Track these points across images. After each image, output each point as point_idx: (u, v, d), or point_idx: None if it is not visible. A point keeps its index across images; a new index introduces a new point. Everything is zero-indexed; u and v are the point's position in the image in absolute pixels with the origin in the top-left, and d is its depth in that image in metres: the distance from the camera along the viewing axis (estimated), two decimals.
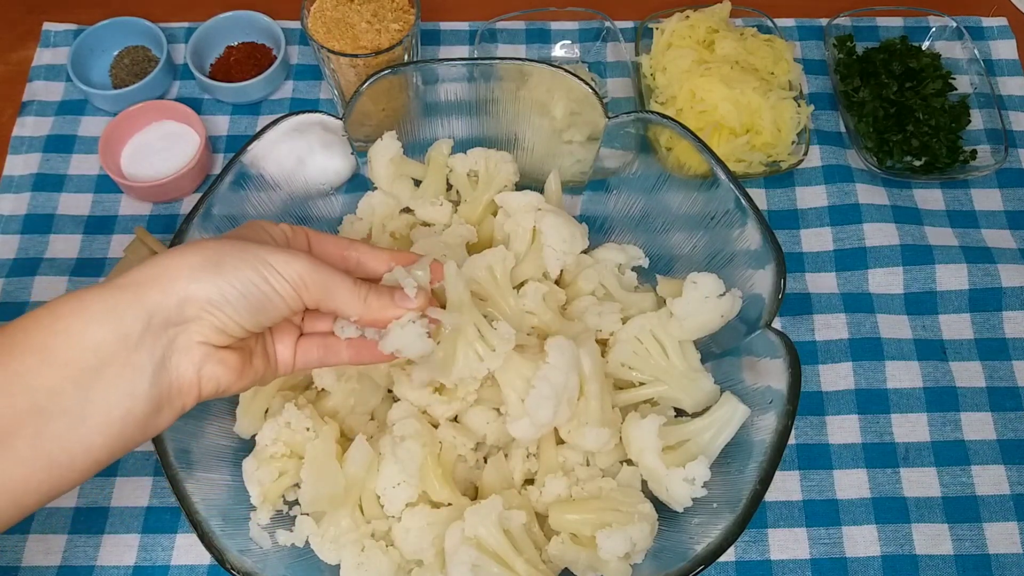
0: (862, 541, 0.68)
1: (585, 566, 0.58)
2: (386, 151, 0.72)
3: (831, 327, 0.77)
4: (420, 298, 0.51)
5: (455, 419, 0.64)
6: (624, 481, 0.62)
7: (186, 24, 0.94)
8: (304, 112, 0.68)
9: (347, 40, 0.78)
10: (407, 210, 0.74)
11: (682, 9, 0.88)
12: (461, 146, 0.76)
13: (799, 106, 0.82)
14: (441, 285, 0.55)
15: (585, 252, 0.72)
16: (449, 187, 0.76)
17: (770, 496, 0.69)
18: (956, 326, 0.77)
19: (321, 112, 0.69)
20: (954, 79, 0.87)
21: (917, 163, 0.84)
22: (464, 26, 0.96)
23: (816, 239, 0.81)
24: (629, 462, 0.63)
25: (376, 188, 0.74)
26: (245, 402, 0.65)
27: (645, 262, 0.73)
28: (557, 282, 0.71)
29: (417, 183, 0.75)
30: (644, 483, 0.63)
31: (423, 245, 0.68)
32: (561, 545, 0.59)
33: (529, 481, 0.64)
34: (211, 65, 0.91)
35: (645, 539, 0.57)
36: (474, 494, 0.64)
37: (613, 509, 0.58)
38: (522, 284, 0.68)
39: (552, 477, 0.61)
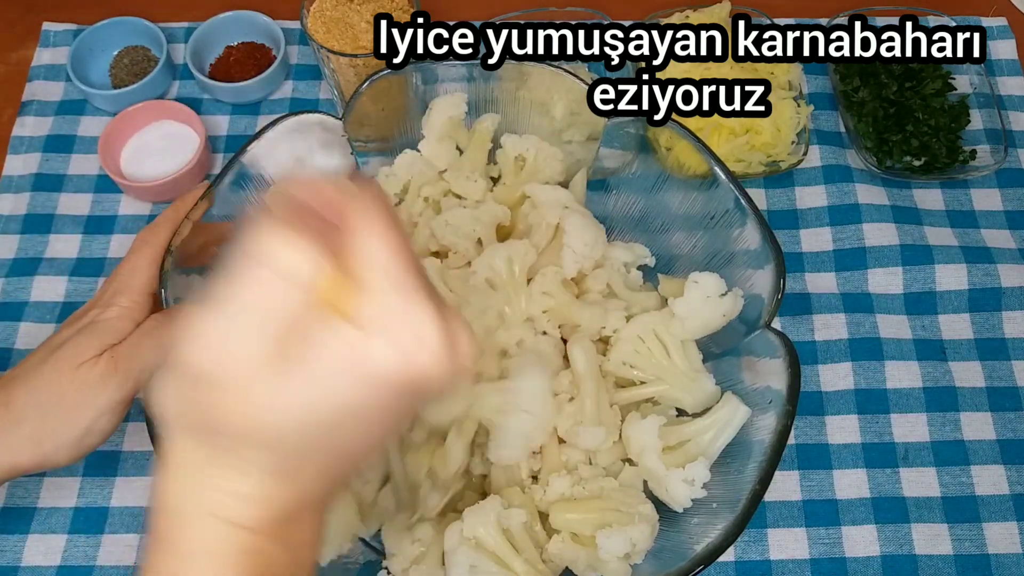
0: (861, 541, 0.68)
1: (585, 566, 0.58)
2: (450, 108, 0.72)
3: (831, 327, 0.77)
4: None
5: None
6: (626, 481, 0.62)
7: (186, 24, 0.94)
8: (304, 112, 0.68)
9: (347, 40, 0.78)
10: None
11: (682, 9, 0.88)
12: None
13: (799, 106, 0.82)
14: None
15: None
16: (490, 162, 0.76)
17: (769, 496, 0.69)
18: (956, 326, 0.77)
19: (321, 112, 0.69)
20: (954, 79, 0.87)
21: (917, 163, 0.84)
22: None
23: (815, 239, 0.81)
24: (631, 461, 0.63)
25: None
26: None
27: (651, 261, 0.73)
28: None
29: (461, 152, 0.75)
30: (644, 483, 0.63)
31: (455, 215, 0.68)
32: (561, 544, 0.59)
33: (534, 478, 0.64)
34: (211, 65, 0.91)
35: (645, 540, 0.57)
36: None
37: (614, 509, 0.58)
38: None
39: (556, 476, 0.61)
